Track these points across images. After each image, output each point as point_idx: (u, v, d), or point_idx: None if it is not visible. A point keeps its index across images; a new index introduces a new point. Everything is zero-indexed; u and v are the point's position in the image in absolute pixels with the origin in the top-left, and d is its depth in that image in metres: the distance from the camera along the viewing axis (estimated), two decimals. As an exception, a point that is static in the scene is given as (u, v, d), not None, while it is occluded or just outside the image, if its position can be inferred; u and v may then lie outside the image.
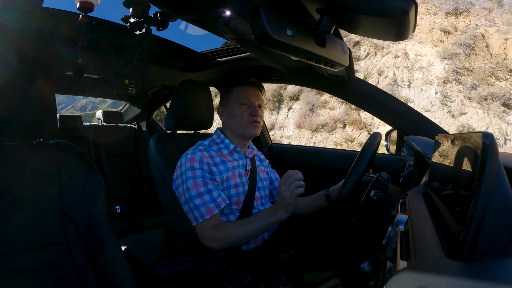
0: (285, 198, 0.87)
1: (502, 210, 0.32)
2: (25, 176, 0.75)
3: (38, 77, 0.75)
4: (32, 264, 0.71)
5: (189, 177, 0.98)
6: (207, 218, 0.96)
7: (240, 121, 1.09)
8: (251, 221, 0.94)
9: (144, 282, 0.81)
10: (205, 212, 0.96)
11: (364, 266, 0.59)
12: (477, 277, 0.27)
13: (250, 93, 1.11)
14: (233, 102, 1.10)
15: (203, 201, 0.96)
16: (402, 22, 0.56)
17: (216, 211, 0.97)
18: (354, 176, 0.77)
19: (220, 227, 0.97)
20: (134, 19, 0.93)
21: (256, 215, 0.96)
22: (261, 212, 0.96)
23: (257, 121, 1.11)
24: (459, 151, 0.45)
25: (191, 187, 0.97)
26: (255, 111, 1.09)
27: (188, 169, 0.99)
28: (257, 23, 0.58)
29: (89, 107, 24.60)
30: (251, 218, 0.95)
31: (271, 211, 0.92)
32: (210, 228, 0.96)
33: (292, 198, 0.86)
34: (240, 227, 0.94)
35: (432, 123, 1.21)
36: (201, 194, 0.97)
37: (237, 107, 1.09)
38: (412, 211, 0.51)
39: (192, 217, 0.98)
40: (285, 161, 1.82)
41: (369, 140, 0.85)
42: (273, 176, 1.32)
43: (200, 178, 0.99)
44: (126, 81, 1.24)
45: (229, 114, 1.12)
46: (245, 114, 1.09)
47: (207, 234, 0.96)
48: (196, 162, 1.00)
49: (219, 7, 0.78)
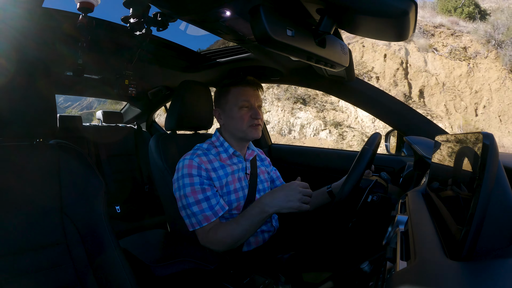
0: (291, 200, 0.88)
1: (502, 210, 0.32)
2: (25, 176, 0.75)
3: (38, 77, 0.75)
4: (32, 264, 0.71)
5: (186, 184, 0.96)
6: (205, 225, 0.95)
7: (241, 125, 1.05)
8: (239, 221, 0.94)
9: (144, 282, 0.81)
10: (202, 219, 0.94)
11: (364, 266, 0.59)
12: (477, 277, 0.27)
13: (249, 94, 1.05)
14: (232, 104, 1.05)
15: (200, 208, 0.94)
16: (402, 23, 0.56)
17: (213, 219, 0.95)
18: (354, 177, 0.77)
19: (214, 230, 0.95)
20: (134, 20, 0.94)
21: (243, 214, 0.94)
22: (247, 211, 0.94)
23: (258, 124, 1.06)
24: (459, 151, 0.45)
25: (189, 194, 0.95)
26: (256, 113, 1.04)
27: (186, 175, 0.97)
28: (257, 24, 0.58)
29: (95, 105, 24.55)
30: (239, 218, 0.94)
31: (259, 208, 0.91)
32: (206, 232, 0.95)
33: (297, 203, 0.89)
34: (230, 229, 0.93)
35: (432, 123, 1.21)
36: (199, 202, 0.95)
37: (236, 110, 1.04)
38: (412, 212, 0.51)
39: (189, 223, 0.97)
40: (285, 161, 1.82)
41: (368, 140, 0.85)
42: (274, 175, 1.30)
43: (198, 185, 0.96)
44: (126, 81, 1.24)
45: (227, 116, 1.07)
46: (246, 117, 1.04)
47: (205, 239, 0.95)
48: (194, 168, 0.97)
49: (219, 8, 0.78)
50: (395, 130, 1.33)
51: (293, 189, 0.90)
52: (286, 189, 0.91)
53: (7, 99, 0.71)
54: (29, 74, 0.74)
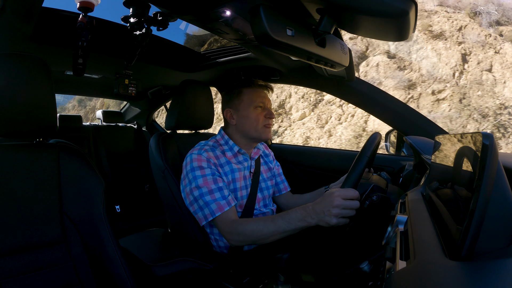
0: (327, 214, 0.73)
1: (501, 211, 0.32)
2: (25, 176, 0.75)
3: (38, 77, 0.75)
4: (31, 264, 0.71)
5: (198, 176, 0.96)
6: (218, 215, 0.92)
7: (256, 125, 1.06)
8: (276, 221, 0.84)
9: (144, 282, 0.81)
10: (215, 209, 0.92)
11: (364, 266, 0.59)
12: (476, 277, 0.27)
13: (263, 96, 1.08)
14: (247, 104, 1.06)
15: (213, 198, 0.93)
16: (402, 22, 0.56)
17: (226, 209, 0.93)
18: (353, 177, 0.77)
19: (242, 222, 0.91)
20: (134, 19, 0.93)
21: (283, 216, 0.84)
22: (289, 214, 0.83)
23: (271, 124, 1.09)
24: (458, 151, 0.45)
25: (202, 184, 0.95)
26: (271, 114, 1.07)
27: (197, 168, 0.97)
28: (257, 23, 0.58)
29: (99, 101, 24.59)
30: (277, 218, 0.84)
31: (302, 214, 0.80)
32: (230, 223, 0.91)
33: (333, 220, 0.73)
34: (263, 226, 0.85)
35: (432, 123, 1.21)
36: (212, 191, 0.94)
37: (251, 110, 1.06)
38: (412, 212, 0.51)
39: (202, 216, 0.94)
40: (285, 160, 1.82)
41: (368, 140, 0.85)
42: (276, 171, 1.31)
43: (210, 176, 0.96)
44: (126, 81, 1.23)
45: (241, 116, 1.08)
46: (260, 117, 1.06)
47: (227, 228, 0.91)
48: (204, 161, 0.98)
49: (219, 7, 0.78)
50: (395, 130, 1.33)
51: (329, 203, 0.73)
52: (325, 201, 0.75)
53: (7, 98, 0.71)
54: (29, 73, 0.73)
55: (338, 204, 0.72)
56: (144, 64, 1.53)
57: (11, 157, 0.75)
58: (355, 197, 0.73)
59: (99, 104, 13.93)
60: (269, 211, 1.17)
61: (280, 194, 1.30)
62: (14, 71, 0.71)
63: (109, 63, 1.48)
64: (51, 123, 0.79)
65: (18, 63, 0.72)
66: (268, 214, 1.16)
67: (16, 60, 0.72)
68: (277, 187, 1.30)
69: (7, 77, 0.71)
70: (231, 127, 1.12)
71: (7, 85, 0.71)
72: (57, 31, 1.11)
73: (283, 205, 1.29)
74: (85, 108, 16.59)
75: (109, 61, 1.45)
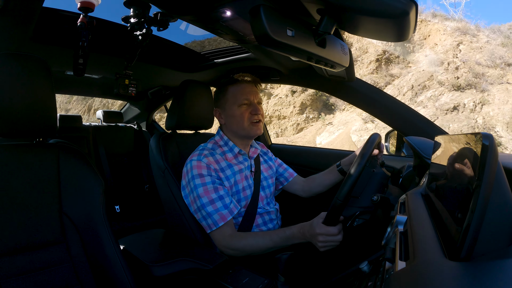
0: (314, 243, 0.82)
1: (501, 211, 0.32)
2: (25, 176, 0.75)
3: (38, 77, 0.75)
4: (31, 263, 0.71)
5: (198, 185, 0.95)
6: (221, 225, 0.94)
7: (242, 123, 1.05)
8: (273, 237, 0.90)
9: (143, 282, 0.81)
10: (218, 219, 0.94)
11: (363, 266, 0.59)
12: (476, 278, 0.27)
13: (248, 91, 1.06)
14: (231, 102, 1.06)
15: (215, 208, 0.94)
16: (403, 23, 0.56)
17: (229, 218, 0.95)
18: (351, 180, 0.77)
19: (238, 237, 0.94)
20: (135, 19, 0.94)
21: (278, 233, 0.90)
22: (285, 232, 0.90)
23: (259, 120, 1.07)
24: (458, 152, 0.45)
25: (202, 194, 0.95)
26: (256, 109, 1.05)
27: (196, 176, 0.97)
28: (257, 24, 0.58)
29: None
30: (273, 235, 0.91)
31: (297, 235, 0.87)
32: (228, 237, 0.94)
33: (321, 248, 0.82)
34: (261, 241, 0.91)
35: (432, 123, 1.21)
36: (213, 201, 0.95)
37: (236, 108, 1.05)
38: (411, 212, 0.51)
39: (206, 225, 0.96)
40: (285, 161, 1.82)
41: (368, 141, 0.85)
42: (277, 165, 1.31)
43: (211, 184, 0.96)
44: (126, 81, 1.24)
45: (228, 115, 1.08)
46: (246, 115, 1.05)
47: (224, 242, 0.94)
48: (204, 168, 0.98)
49: (219, 8, 0.78)
50: (395, 131, 1.33)
51: (314, 236, 0.82)
52: (312, 231, 0.83)
53: (7, 98, 0.71)
54: (29, 73, 0.73)
55: (321, 240, 0.80)
56: (144, 64, 1.53)
57: (11, 157, 0.75)
58: (335, 233, 0.80)
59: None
60: (274, 210, 1.17)
61: (289, 182, 1.29)
62: (14, 71, 0.71)
63: (110, 63, 1.48)
64: (51, 123, 0.79)
65: (19, 63, 0.72)
66: (273, 213, 1.16)
67: (16, 60, 0.72)
68: (283, 176, 1.29)
69: (8, 77, 0.71)
70: (223, 126, 1.13)
71: (8, 85, 0.71)
72: (58, 31, 1.11)
73: (298, 190, 1.28)
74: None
75: (109, 61, 1.45)
